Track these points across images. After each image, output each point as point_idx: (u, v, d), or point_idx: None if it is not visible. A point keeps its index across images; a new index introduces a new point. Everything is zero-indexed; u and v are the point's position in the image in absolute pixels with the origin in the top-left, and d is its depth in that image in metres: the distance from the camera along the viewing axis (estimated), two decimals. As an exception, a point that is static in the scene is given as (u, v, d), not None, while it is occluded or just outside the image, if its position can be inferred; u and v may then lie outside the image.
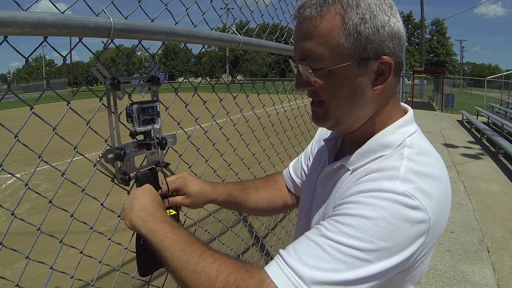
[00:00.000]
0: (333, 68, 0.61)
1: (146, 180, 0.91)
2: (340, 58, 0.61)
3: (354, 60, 0.61)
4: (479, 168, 5.80)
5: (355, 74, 0.62)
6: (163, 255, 0.65)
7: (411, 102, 17.06)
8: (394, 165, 0.61)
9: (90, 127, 0.90)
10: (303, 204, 0.87)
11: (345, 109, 0.65)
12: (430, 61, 52.24)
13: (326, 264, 0.54)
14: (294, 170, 1.04)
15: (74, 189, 1.61)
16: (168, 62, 47.60)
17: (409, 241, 0.56)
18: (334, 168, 0.73)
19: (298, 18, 0.64)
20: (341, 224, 0.56)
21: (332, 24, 0.60)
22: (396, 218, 0.55)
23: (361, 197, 0.58)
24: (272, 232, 2.83)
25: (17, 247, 0.81)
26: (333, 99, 0.65)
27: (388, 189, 0.57)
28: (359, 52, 0.61)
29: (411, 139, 0.66)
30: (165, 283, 1.25)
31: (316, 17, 0.61)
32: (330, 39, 0.61)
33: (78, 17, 0.71)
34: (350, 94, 0.64)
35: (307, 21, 0.62)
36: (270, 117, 1.89)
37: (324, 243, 0.55)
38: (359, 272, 0.53)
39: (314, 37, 0.62)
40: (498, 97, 17.18)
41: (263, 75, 10.74)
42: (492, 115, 10.46)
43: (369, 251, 0.54)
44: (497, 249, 3.15)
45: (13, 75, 55.53)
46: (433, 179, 0.60)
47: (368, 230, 0.54)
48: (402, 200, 0.55)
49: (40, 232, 0.85)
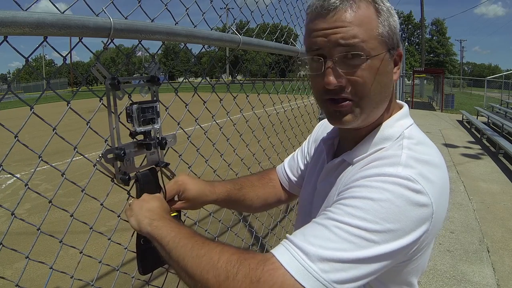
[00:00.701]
0: (378, 55, 0.63)
1: (146, 180, 0.91)
2: (381, 46, 0.63)
3: (387, 49, 0.64)
4: (479, 168, 5.80)
5: (388, 63, 0.65)
6: (167, 248, 0.65)
7: (411, 102, 17.08)
8: (395, 154, 0.63)
9: (90, 127, 0.90)
10: (303, 202, 0.88)
11: (377, 99, 0.65)
12: (430, 61, 52.25)
13: (333, 243, 0.54)
14: (290, 168, 1.05)
15: (74, 189, 1.61)
16: (168, 62, 47.60)
17: (414, 225, 0.56)
18: (335, 164, 0.74)
19: (327, 8, 0.61)
20: (347, 206, 0.57)
21: (370, 13, 0.62)
22: (400, 200, 0.55)
23: (365, 181, 0.59)
24: (272, 232, 2.82)
25: (17, 247, 0.81)
26: (367, 90, 0.63)
27: (391, 173, 0.58)
28: (391, 42, 0.64)
29: (409, 131, 0.69)
30: (165, 282, 1.25)
31: (352, 5, 0.61)
32: (372, 27, 0.62)
33: (78, 17, 0.71)
34: (383, 83, 0.65)
35: (342, 9, 0.61)
36: (270, 117, 1.89)
37: (331, 224, 0.56)
38: (365, 252, 0.54)
39: (356, 24, 0.61)
40: (498, 97, 17.18)
41: (263, 75, 10.78)
42: (492, 115, 10.46)
43: (375, 232, 0.54)
44: (497, 249, 3.15)
45: (13, 75, 55.54)
46: (433, 166, 0.62)
47: (374, 211, 0.55)
48: (405, 184, 0.57)
49: (40, 232, 0.85)
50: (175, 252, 0.63)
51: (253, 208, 1.04)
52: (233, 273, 0.55)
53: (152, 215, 0.73)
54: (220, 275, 0.55)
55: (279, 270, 0.53)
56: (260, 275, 0.53)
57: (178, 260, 0.62)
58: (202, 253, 0.60)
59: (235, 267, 0.55)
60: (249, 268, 0.54)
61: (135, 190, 0.92)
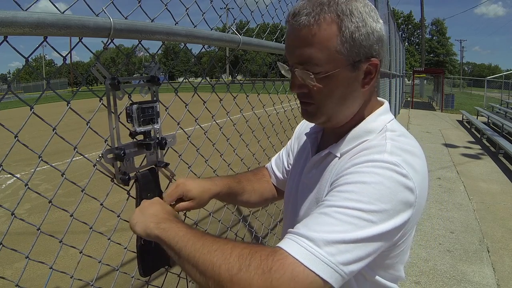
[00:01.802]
0: (331, 73, 0.67)
1: (146, 180, 0.91)
2: (337, 63, 0.66)
3: (348, 64, 0.67)
4: (479, 168, 5.80)
5: (348, 76, 0.68)
6: (176, 247, 0.66)
7: (411, 102, 17.08)
8: (380, 143, 0.68)
9: (90, 127, 0.90)
10: (289, 195, 0.92)
11: (337, 108, 0.71)
12: (430, 61, 52.27)
13: (335, 227, 0.58)
14: (276, 165, 1.10)
15: (74, 189, 1.62)
16: (168, 62, 47.60)
17: (403, 206, 0.61)
18: (322, 156, 0.78)
19: (293, 25, 0.67)
20: (342, 192, 0.61)
21: (330, 32, 0.65)
22: (390, 182, 0.61)
23: (356, 168, 0.64)
24: (272, 232, 2.83)
25: (17, 247, 0.81)
26: (327, 101, 0.70)
27: (379, 159, 0.63)
28: (353, 56, 0.67)
29: (391, 124, 0.74)
30: (164, 283, 1.25)
31: (313, 24, 0.65)
32: (329, 46, 0.65)
33: (78, 17, 0.71)
34: (343, 94, 0.70)
35: (305, 29, 0.65)
36: (270, 117, 1.90)
37: (330, 211, 0.60)
38: (365, 231, 0.58)
39: (312, 44, 0.65)
40: (498, 97, 17.18)
41: (263, 75, 10.78)
42: (492, 115, 10.46)
43: (372, 212, 0.59)
44: (497, 249, 3.15)
45: (13, 75, 55.53)
46: (415, 156, 0.67)
47: (368, 193, 0.59)
48: (393, 168, 0.62)
49: (40, 232, 0.85)
50: (185, 250, 0.64)
51: (251, 202, 1.06)
52: (245, 265, 0.57)
53: (157, 218, 0.74)
54: (232, 268, 0.57)
55: (288, 259, 0.56)
56: (271, 264, 0.56)
57: (188, 257, 0.63)
58: (214, 248, 0.61)
59: (247, 259, 0.57)
60: (260, 259, 0.57)
61: (135, 190, 0.92)
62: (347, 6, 0.65)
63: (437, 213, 3.93)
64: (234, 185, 1.00)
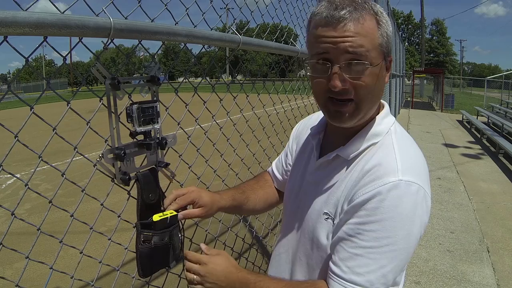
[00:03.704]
0: (378, 65, 0.71)
1: (146, 180, 0.91)
2: (380, 55, 0.71)
3: (384, 58, 0.72)
4: (479, 168, 5.80)
5: (383, 70, 0.73)
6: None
7: (411, 102, 17.08)
8: (390, 157, 0.72)
9: (90, 127, 0.89)
10: (289, 194, 0.94)
11: (371, 104, 0.75)
12: (430, 61, 52.24)
13: (373, 266, 0.67)
14: (277, 168, 1.12)
15: (74, 189, 1.61)
16: (168, 62, 47.57)
17: (425, 217, 0.70)
18: (330, 159, 0.81)
19: (339, 19, 0.67)
20: (370, 231, 0.68)
21: (373, 26, 0.69)
22: (410, 208, 0.67)
23: (375, 202, 0.68)
24: (272, 232, 2.83)
25: (17, 247, 0.81)
26: (368, 95, 0.72)
27: (395, 182, 0.67)
28: (387, 51, 0.73)
29: (394, 127, 0.79)
30: (165, 283, 1.25)
31: (359, 18, 0.68)
32: (374, 38, 0.69)
33: (78, 17, 0.70)
34: (379, 88, 0.74)
35: (352, 21, 0.67)
36: (270, 117, 1.89)
37: (365, 252, 0.68)
38: (399, 258, 0.68)
39: (362, 34, 0.68)
40: (498, 97, 17.17)
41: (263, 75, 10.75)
42: (492, 115, 10.45)
43: (400, 241, 0.66)
44: (497, 249, 3.15)
45: (13, 75, 55.51)
46: (420, 160, 0.74)
47: (393, 228, 0.66)
48: (408, 190, 0.67)
49: (40, 232, 0.85)
50: None
51: (256, 210, 1.09)
52: None
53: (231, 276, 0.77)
54: None
55: None
56: None
57: None
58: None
59: None
60: None
61: (136, 190, 0.92)
62: (376, 7, 0.72)
63: (437, 213, 3.92)
64: (238, 197, 1.02)
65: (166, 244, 0.87)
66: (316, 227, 0.80)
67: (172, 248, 0.89)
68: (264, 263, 2.64)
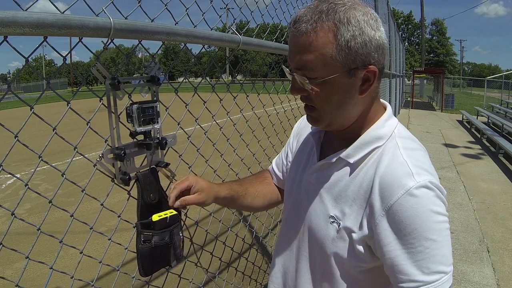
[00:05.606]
0: (326, 78, 0.69)
1: (146, 180, 0.91)
2: (333, 69, 0.69)
3: (344, 71, 0.69)
4: (479, 168, 5.80)
5: (345, 83, 0.70)
6: None
7: (411, 102, 17.08)
8: (399, 161, 0.71)
9: (90, 127, 0.89)
10: (290, 191, 0.94)
11: (336, 112, 0.74)
12: (430, 61, 52.26)
13: (440, 258, 0.68)
14: (277, 165, 1.12)
15: (74, 189, 1.61)
16: (168, 62, 47.58)
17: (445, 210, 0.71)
18: (333, 162, 0.80)
19: (294, 32, 0.70)
20: (419, 239, 0.68)
21: (326, 40, 0.67)
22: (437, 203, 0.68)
23: (407, 210, 0.67)
24: (272, 232, 2.83)
25: (17, 247, 0.81)
26: (325, 105, 0.73)
27: (413, 185, 0.67)
28: (349, 63, 0.69)
29: (397, 130, 0.78)
30: (165, 283, 1.25)
31: (311, 32, 0.68)
32: (324, 53, 0.68)
33: (78, 17, 0.71)
34: (340, 100, 0.72)
35: (303, 36, 0.68)
36: (270, 117, 1.89)
37: (427, 256, 0.67)
38: (449, 242, 0.70)
39: (310, 51, 0.68)
40: (498, 97, 17.17)
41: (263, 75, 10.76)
42: (492, 115, 10.46)
43: (443, 232, 0.69)
44: (497, 249, 3.15)
45: (13, 75, 55.50)
46: (426, 157, 0.75)
47: (425, 234, 0.66)
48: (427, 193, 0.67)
49: (40, 232, 0.85)
50: None
51: (255, 206, 1.06)
52: None
53: None
54: None
55: None
56: None
57: None
58: None
59: None
60: None
61: (136, 190, 0.92)
62: (345, 15, 0.67)
63: (437, 213, 3.92)
64: (236, 188, 1.00)
65: (167, 244, 0.87)
66: (320, 230, 0.79)
67: (173, 247, 0.89)
68: (264, 263, 2.64)
